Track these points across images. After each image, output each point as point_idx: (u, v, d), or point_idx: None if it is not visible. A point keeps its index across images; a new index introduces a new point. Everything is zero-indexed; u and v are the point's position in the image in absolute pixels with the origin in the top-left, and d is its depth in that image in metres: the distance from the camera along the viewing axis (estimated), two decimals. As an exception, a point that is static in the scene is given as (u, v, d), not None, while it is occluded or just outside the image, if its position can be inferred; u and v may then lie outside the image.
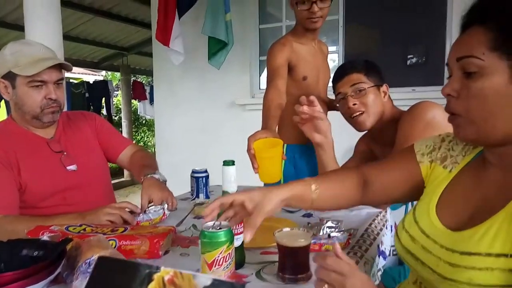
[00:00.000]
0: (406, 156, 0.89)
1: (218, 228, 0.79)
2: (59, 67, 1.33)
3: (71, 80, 8.35)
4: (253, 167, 1.12)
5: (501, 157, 0.71)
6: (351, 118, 1.38)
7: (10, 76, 1.27)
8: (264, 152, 1.11)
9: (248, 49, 3.49)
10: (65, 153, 1.37)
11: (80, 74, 10.66)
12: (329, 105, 1.80)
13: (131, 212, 1.19)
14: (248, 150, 1.12)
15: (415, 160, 0.86)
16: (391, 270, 1.27)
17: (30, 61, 1.25)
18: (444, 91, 0.71)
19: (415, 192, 0.86)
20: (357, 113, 1.36)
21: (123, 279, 0.50)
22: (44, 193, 1.30)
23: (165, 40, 3.21)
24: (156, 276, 0.49)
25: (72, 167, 1.36)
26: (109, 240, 0.92)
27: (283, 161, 1.25)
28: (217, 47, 3.12)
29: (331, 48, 3.30)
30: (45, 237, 0.92)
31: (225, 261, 0.78)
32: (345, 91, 1.37)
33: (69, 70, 1.39)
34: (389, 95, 1.41)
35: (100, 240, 0.85)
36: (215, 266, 0.77)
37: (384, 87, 1.39)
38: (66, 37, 5.52)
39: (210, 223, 0.80)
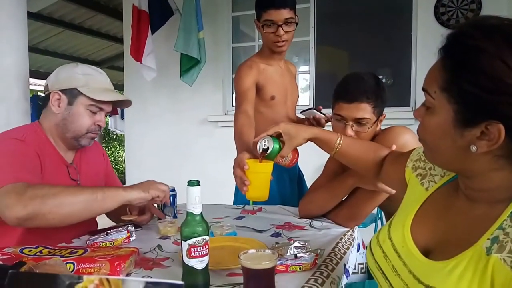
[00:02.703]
0: (405, 156, 0.95)
1: (266, 147, 1.10)
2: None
3: (38, 93, 8.09)
4: (244, 185, 1.08)
5: (465, 185, 0.71)
6: None
7: (73, 93, 1.27)
8: (259, 167, 1.09)
9: (221, 67, 3.51)
10: (79, 182, 1.33)
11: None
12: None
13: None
14: (240, 167, 1.09)
15: (406, 162, 0.92)
16: (351, 286, 1.26)
17: (100, 87, 1.31)
18: (414, 114, 0.75)
19: (404, 192, 0.89)
20: None
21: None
22: None
23: (138, 56, 3.20)
24: (78, 287, 0.47)
25: None
26: (67, 263, 0.88)
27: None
28: (189, 64, 3.13)
29: (304, 68, 3.37)
30: (-3, 260, 0.87)
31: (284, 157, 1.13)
32: (346, 117, 1.31)
33: (127, 106, 1.42)
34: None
35: (56, 264, 0.81)
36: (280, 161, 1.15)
37: (381, 117, 1.34)
38: (34, 49, 5.39)
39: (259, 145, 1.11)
